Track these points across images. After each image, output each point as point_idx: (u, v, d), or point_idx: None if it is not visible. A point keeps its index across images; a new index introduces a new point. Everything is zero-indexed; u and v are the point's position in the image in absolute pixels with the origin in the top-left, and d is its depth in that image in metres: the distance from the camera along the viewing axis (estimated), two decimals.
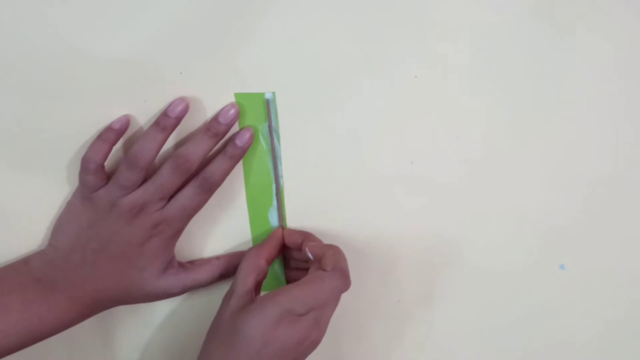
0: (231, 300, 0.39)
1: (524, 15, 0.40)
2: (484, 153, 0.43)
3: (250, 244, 0.46)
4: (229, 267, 0.44)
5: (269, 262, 0.43)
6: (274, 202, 0.44)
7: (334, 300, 0.39)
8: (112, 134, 0.40)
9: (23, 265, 0.41)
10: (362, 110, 0.42)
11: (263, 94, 0.41)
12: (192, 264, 0.44)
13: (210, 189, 0.40)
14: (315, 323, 0.38)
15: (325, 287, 0.38)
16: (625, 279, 0.46)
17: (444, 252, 0.46)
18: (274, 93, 0.41)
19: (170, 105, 0.40)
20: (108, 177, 0.40)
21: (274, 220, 0.45)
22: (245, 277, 0.40)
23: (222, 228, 0.45)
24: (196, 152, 0.40)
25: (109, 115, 0.41)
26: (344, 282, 0.38)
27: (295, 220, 0.45)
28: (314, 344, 0.39)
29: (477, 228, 0.45)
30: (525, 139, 0.43)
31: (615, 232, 0.45)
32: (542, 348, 0.49)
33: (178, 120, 0.40)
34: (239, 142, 0.41)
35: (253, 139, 0.41)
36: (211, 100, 0.41)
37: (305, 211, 0.45)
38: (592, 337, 0.48)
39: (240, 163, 0.43)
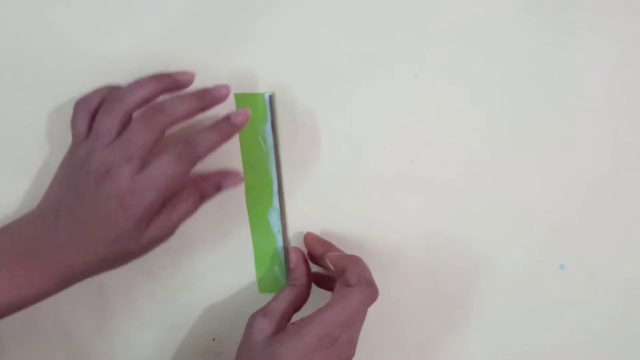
0: (262, 323, 0.38)
1: (524, 15, 0.40)
2: (484, 153, 0.43)
3: (250, 246, 0.46)
4: (206, 188, 0.40)
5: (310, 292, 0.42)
6: (274, 203, 0.44)
7: (363, 313, 0.39)
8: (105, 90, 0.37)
9: (3, 229, 0.38)
10: (362, 110, 0.42)
11: (263, 94, 0.41)
12: (168, 200, 0.38)
13: (190, 159, 0.36)
14: (348, 343, 0.38)
15: (354, 303, 0.37)
16: (625, 279, 0.46)
17: (444, 252, 0.46)
18: (274, 93, 0.41)
19: (177, 72, 0.37)
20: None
21: (273, 222, 0.45)
22: (287, 307, 0.40)
23: (220, 225, 0.45)
24: (174, 106, 0.36)
25: None
26: (372, 293, 0.38)
27: (296, 221, 0.45)
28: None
29: (477, 228, 0.45)
30: (525, 138, 0.43)
31: (615, 232, 0.45)
32: (542, 348, 0.49)
33: (177, 84, 0.37)
34: (234, 118, 0.37)
35: (247, 121, 0.37)
36: None
37: (306, 212, 0.45)
38: (592, 337, 0.48)
39: (240, 164, 0.43)
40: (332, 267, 0.41)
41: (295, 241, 0.46)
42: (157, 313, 0.48)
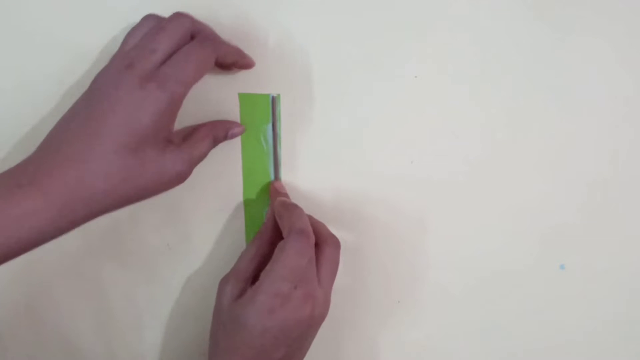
0: (227, 288, 0.39)
1: (523, 15, 0.40)
2: (484, 153, 0.43)
3: (245, 242, 0.46)
4: (218, 131, 0.40)
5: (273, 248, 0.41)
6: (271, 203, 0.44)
7: (310, 263, 0.38)
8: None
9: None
10: (362, 110, 0.42)
11: (268, 95, 0.41)
12: (189, 134, 0.38)
13: (209, 40, 0.36)
14: (305, 296, 0.37)
15: (290, 254, 0.37)
16: (625, 279, 0.46)
17: (444, 252, 0.46)
18: (278, 95, 0.41)
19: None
20: None
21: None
22: (248, 264, 0.40)
23: (219, 225, 0.45)
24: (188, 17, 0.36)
25: None
26: (305, 240, 0.37)
27: None
28: (318, 318, 0.38)
29: (477, 228, 0.45)
30: (525, 138, 0.43)
31: (615, 232, 0.45)
32: (542, 348, 0.49)
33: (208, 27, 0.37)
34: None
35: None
36: (212, 101, 0.41)
37: (305, 212, 0.45)
38: (592, 337, 0.48)
39: (240, 162, 0.43)
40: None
41: None
42: (157, 313, 0.48)
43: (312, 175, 0.44)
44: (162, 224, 0.45)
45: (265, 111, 0.41)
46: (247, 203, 0.44)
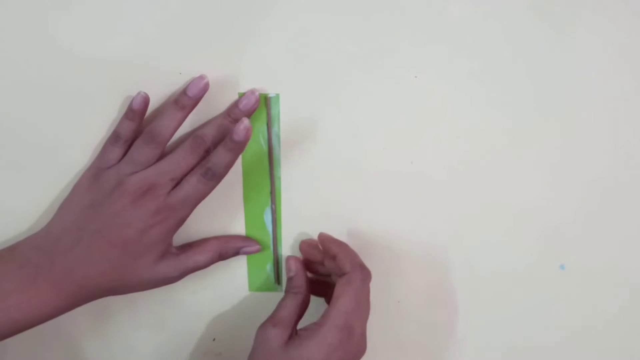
0: (276, 332, 0.39)
1: (523, 15, 0.40)
2: (484, 153, 0.43)
3: None
4: (228, 248, 0.43)
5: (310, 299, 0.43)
6: (270, 203, 0.44)
7: (367, 298, 0.40)
8: (134, 113, 0.39)
9: (7, 253, 0.39)
10: (362, 110, 0.42)
11: (266, 94, 0.41)
12: (190, 246, 0.43)
13: (213, 178, 0.39)
14: (362, 335, 0.39)
15: (357, 286, 0.39)
16: (625, 279, 0.46)
17: (444, 252, 0.46)
18: (277, 94, 0.41)
19: (189, 84, 0.39)
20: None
21: (268, 221, 0.45)
22: (293, 314, 0.40)
23: (219, 225, 0.45)
24: (211, 132, 0.40)
25: (108, 116, 0.41)
26: (367, 273, 0.40)
27: (295, 222, 0.45)
28: (362, 354, 0.40)
29: (477, 228, 0.45)
30: (525, 138, 0.43)
31: (615, 232, 0.45)
32: (542, 348, 0.49)
33: (196, 100, 0.39)
34: (236, 137, 0.38)
35: (250, 132, 0.38)
36: (213, 100, 0.41)
37: (306, 212, 0.45)
38: (592, 337, 0.48)
39: (240, 162, 0.43)
40: (321, 247, 0.43)
41: (293, 243, 0.46)
42: (157, 313, 0.47)
43: (312, 175, 0.44)
44: None
45: (264, 111, 0.41)
46: (247, 202, 0.44)
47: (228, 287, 0.47)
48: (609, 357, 0.49)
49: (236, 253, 0.44)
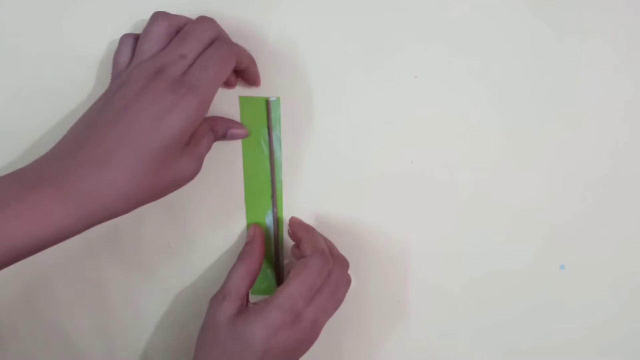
0: (223, 306, 0.39)
1: (524, 16, 0.40)
2: (484, 153, 0.43)
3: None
4: (217, 125, 0.40)
5: (261, 266, 0.42)
6: (271, 206, 0.44)
7: (328, 286, 0.38)
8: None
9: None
10: (362, 110, 0.42)
11: (266, 98, 0.41)
12: (191, 138, 0.36)
13: (234, 45, 0.36)
14: (313, 323, 0.38)
15: (312, 272, 0.38)
16: (625, 279, 0.46)
17: (444, 252, 0.46)
18: (278, 98, 0.41)
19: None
20: None
21: (270, 225, 0.45)
22: (241, 282, 0.40)
23: (219, 225, 0.45)
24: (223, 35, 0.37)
25: None
26: (325, 261, 0.38)
27: None
28: (310, 343, 0.39)
29: (477, 228, 0.45)
30: (525, 138, 0.43)
31: (615, 232, 0.45)
32: (542, 348, 0.49)
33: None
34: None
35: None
36: (214, 104, 0.41)
37: (306, 212, 0.45)
38: (592, 337, 0.48)
39: (241, 163, 0.43)
40: (289, 231, 0.43)
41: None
42: (157, 313, 0.48)
43: (312, 175, 0.44)
44: (162, 224, 0.45)
45: (264, 115, 0.41)
46: (249, 206, 0.44)
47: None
48: (609, 357, 0.49)
49: (224, 135, 0.40)
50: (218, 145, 0.41)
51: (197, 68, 0.34)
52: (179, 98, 0.32)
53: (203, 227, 0.45)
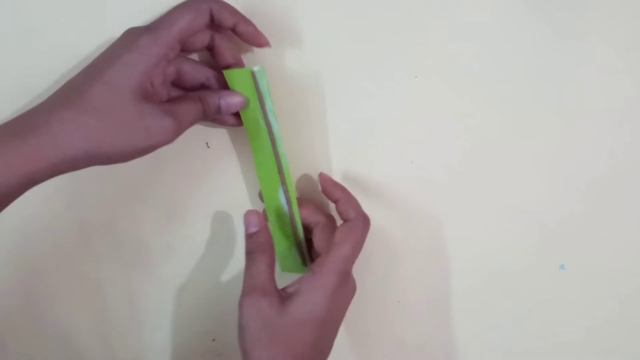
0: (266, 303, 0.37)
1: (524, 16, 0.40)
2: (484, 153, 0.43)
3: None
4: (207, 96, 0.38)
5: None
6: (281, 183, 0.42)
7: (362, 244, 0.40)
8: None
9: None
10: (362, 111, 0.42)
11: (250, 69, 0.38)
12: (176, 99, 0.37)
13: None
14: (353, 279, 0.40)
15: (359, 234, 0.39)
16: (625, 279, 0.46)
17: (444, 252, 0.46)
18: (262, 67, 0.38)
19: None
20: None
21: (284, 202, 0.42)
22: (269, 275, 0.39)
23: (219, 225, 0.45)
24: None
25: None
26: (367, 224, 0.40)
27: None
28: (353, 295, 0.41)
29: (477, 228, 0.45)
30: (525, 139, 0.43)
31: (615, 232, 0.45)
32: (542, 348, 0.49)
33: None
34: None
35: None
36: None
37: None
38: (592, 337, 0.48)
39: (237, 161, 0.43)
40: (320, 188, 0.41)
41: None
42: (157, 313, 0.48)
43: (312, 175, 0.44)
44: (162, 224, 0.45)
45: (253, 87, 0.39)
46: (262, 180, 0.42)
47: (228, 288, 0.47)
48: (609, 357, 0.49)
49: (218, 107, 0.38)
50: (219, 137, 0.41)
51: (163, 16, 0.36)
52: (136, 38, 0.34)
53: (203, 227, 0.45)
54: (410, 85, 0.41)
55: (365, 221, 0.40)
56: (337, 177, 0.44)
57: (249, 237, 0.40)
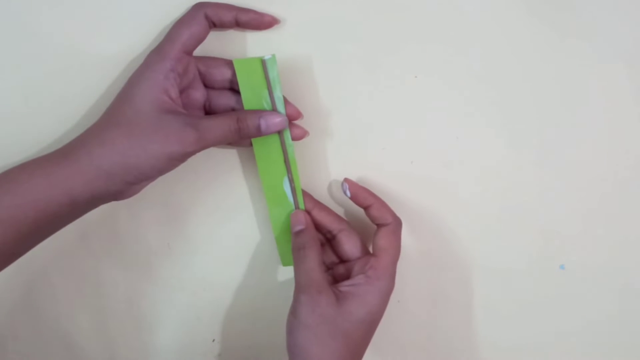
0: (324, 299, 0.38)
1: (524, 16, 0.40)
2: (484, 153, 0.43)
3: (249, 243, 0.46)
4: (246, 115, 0.38)
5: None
6: (287, 172, 0.42)
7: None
8: None
9: None
10: (362, 111, 0.42)
11: (260, 58, 0.38)
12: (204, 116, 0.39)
13: (199, 4, 0.38)
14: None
15: (399, 238, 0.42)
16: (624, 279, 0.46)
17: (444, 252, 0.46)
18: (273, 55, 0.38)
19: None
20: None
21: (289, 192, 0.42)
22: (321, 272, 0.40)
23: (219, 225, 0.45)
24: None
25: None
26: (401, 226, 0.42)
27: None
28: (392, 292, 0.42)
29: (477, 228, 0.45)
30: (525, 139, 0.43)
31: (615, 232, 0.45)
32: (542, 348, 0.49)
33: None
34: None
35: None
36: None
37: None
38: (592, 336, 0.48)
39: (238, 160, 0.43)
40: (349, 193, 0.42)
41: None
42: (157, 313, 0.48)
43: (312, 175, 0.44)
44: (162, 224, 0.45)
45: (262, 75, 0.39)
46: (263, 174, 0.42)
47: (228, 288, 0.47)
48: (609, 357, 0.49)
49: (257, 127, 0.38)
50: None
51: (167, 33, 0.38)
52: (147, 57, 0.37)
53: (203, 227, 0.45)
54: (410, 85, 0.41)
55: (400, 223, 0.42)
56: (337, 177, 0.44)
57: (295, 235, 0.42)
